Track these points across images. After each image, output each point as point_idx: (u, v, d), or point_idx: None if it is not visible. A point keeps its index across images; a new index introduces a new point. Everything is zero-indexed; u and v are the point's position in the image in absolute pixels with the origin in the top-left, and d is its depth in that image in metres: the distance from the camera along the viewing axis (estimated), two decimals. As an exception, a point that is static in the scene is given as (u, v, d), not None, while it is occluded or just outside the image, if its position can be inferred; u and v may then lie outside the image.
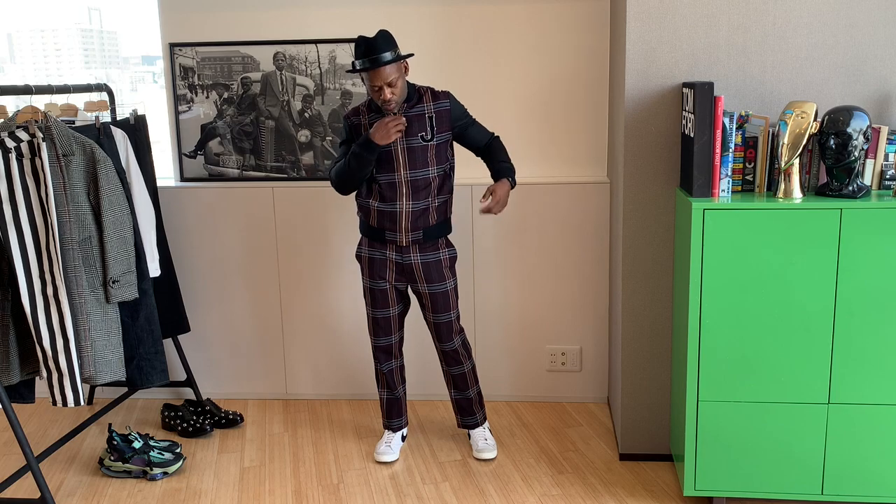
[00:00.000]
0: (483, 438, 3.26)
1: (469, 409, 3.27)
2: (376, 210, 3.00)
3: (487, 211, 2.93)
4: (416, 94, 2.96)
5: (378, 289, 3.09)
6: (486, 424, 3.33)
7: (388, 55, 2.79)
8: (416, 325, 3.70)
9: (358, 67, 2.83)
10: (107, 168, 2.91)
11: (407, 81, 2.93)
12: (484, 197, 2.93)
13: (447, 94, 2.99)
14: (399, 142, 2.92)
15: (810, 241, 2.54)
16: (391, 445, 3.26)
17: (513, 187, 3.03)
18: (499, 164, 3.05)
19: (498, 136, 3.13)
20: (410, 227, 2.98)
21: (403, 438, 3.36)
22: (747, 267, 2.58)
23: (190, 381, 3.72)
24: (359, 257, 3.12)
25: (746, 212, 2.55)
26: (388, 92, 2.83)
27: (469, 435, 3.32)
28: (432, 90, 2.99)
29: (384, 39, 2.80)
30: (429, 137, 2.94)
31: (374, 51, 2.78)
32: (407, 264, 3.04)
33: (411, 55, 2.90)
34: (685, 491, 2.76)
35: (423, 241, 3.02)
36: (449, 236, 3.43)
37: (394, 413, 3.30)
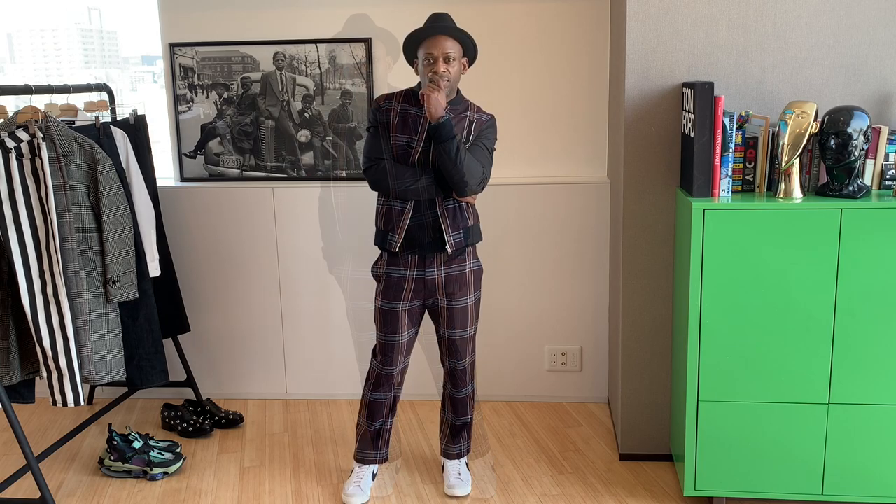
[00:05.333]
0: (456, 473, 2.98)
1: (456, 437, 3.01)
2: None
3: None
4: (463, 102, 2.78)
5: (390, 310, 2.82)
6: (465, 459, 3.07)
7: (456, 29, 2.64)
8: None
9: (421, 30, 2.63)
10: (107, 168, 2.91)
11: (458, 90, 2.78)
12: None
13: (491, 117, 2.80)
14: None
15: (810, 241, 2.54)
16: (361, 486, 2.93)
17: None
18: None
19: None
20: (451, 226, 2.74)
21: (374, 477, 3.02)
22: (747, 267, 2.58)
23: (190, 381, 3.72)
24: (375, 275, 2.87)
25: (746, 212, 2.55)
26: (442, 65, 2.62)
27: (443, 466, 3.05)
28: (479, 107, 2.83)
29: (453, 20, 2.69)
30: (464, 140, 2.73)
31: (444, 21, 2.64)
32: (430, 279, 2.78)
33: (476, 53, 2.74)
34: (685, 491, 2.76)
35: (461, 246, 2.77)
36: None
37: (368, 444, 2.96)
